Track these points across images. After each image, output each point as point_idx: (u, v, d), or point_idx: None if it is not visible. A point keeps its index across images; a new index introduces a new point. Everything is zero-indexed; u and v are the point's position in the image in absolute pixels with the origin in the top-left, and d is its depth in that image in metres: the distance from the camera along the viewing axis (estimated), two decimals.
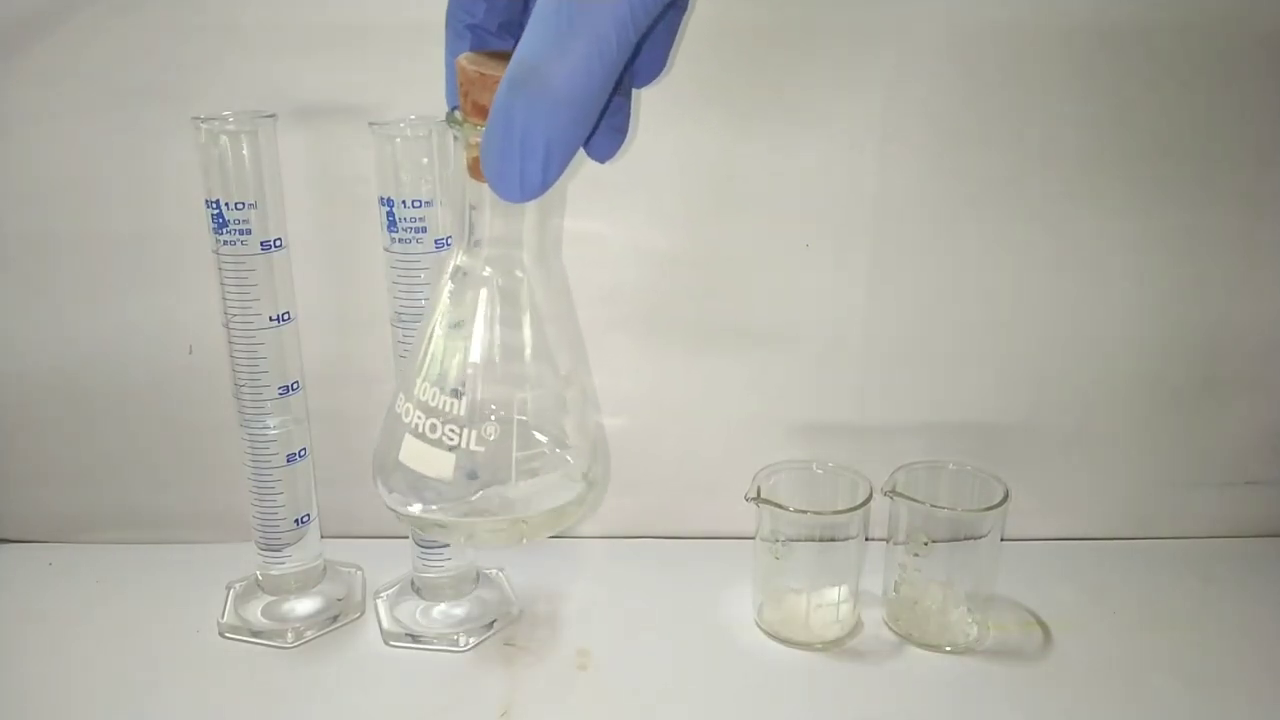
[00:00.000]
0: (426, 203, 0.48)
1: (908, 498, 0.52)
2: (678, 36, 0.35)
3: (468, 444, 0.35)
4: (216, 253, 0.49)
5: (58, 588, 0.59)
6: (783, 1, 0.53)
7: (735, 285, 0.59)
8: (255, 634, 0.53)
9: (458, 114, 0.31)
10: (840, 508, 0.53)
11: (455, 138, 0.32)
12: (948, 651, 0.53)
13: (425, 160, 0.47)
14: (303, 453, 0.54)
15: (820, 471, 0.55)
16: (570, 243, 0.57)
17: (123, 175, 0.55)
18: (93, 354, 0.59)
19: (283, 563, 0.55)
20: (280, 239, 0.50)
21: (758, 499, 0.52)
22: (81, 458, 0.61)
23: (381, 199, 0.48)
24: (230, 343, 0.51)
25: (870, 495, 0.52)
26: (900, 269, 0.58)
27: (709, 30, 0.50)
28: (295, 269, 0.51)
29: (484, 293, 0.36)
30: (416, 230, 0.48)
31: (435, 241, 0.48)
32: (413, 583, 0.56)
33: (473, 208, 0.34)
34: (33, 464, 0.62)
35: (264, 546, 0.54)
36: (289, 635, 0.53)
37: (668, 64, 0.35)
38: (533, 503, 0.37)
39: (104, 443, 0.61)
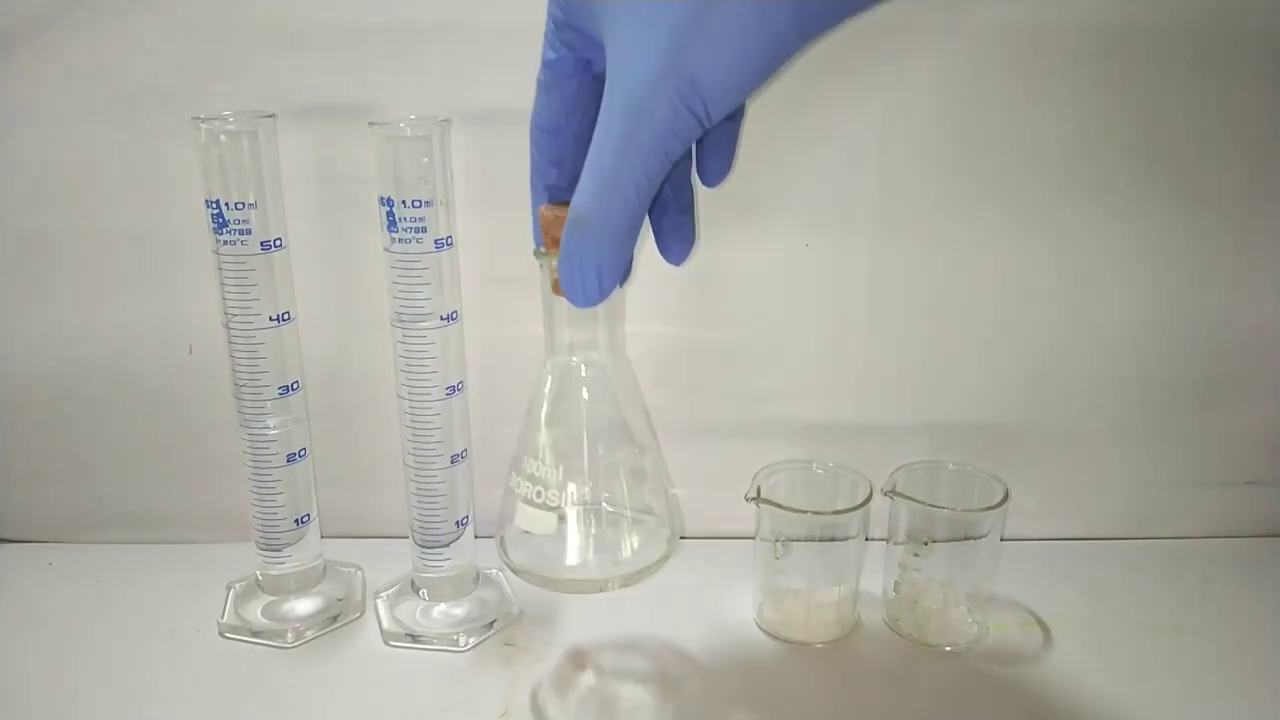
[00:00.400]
0: (426, 203, 0.47)
1: (908, 498, 0.52)
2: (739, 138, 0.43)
3: (567, 504, 0.45)
4: (216, 253, 0.49)
5: (58, 588, 0.59)
6: None
7: (735, 287, 0.59)
8: (255, 634, 0.53)
9: (542, 249, 0.42)
10: (840, 508, 0.53)
11: (540, 265, 0.43)
12: (948, 651, 0.53)
13: (425, 160, 0.47)
14: (303, 453, 0.54)
15: (820, 471, 0.55)
16: None
17: (123, 175, 0.56)
18: (93, 354, 0.59)
19: (283, 563, 0.55)
20: (280, 239, 0.50)
21: (758, 499, 0.52)
22: (81, 458, 0.61)
23: (381, 199, 0.48)
24: (230, 343, 0.51)
25: (870, 495, 0.52)
26: (900, 269, 0.58)
27: None
28: (295, 269, 0.51)
29: (573, 381, 0.46)
30: (416, 230, 0.48)
31: (435, 241, 0.48)
32: (413, 583, 0.56)
33: (557, 316, 0.44)
34: (33, 464, 0.62)
35: (264, 546, 0.55)
36: (289, 635, 0.53)
37: (732, 165, 0.43)
38: (626, 558, 0.46)
39: (104, 442, 0.61)
